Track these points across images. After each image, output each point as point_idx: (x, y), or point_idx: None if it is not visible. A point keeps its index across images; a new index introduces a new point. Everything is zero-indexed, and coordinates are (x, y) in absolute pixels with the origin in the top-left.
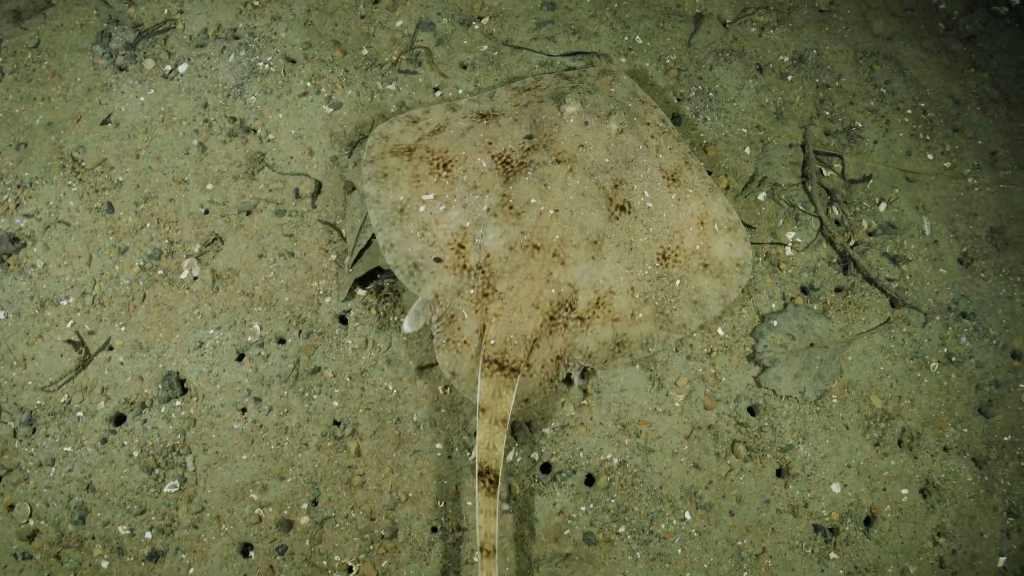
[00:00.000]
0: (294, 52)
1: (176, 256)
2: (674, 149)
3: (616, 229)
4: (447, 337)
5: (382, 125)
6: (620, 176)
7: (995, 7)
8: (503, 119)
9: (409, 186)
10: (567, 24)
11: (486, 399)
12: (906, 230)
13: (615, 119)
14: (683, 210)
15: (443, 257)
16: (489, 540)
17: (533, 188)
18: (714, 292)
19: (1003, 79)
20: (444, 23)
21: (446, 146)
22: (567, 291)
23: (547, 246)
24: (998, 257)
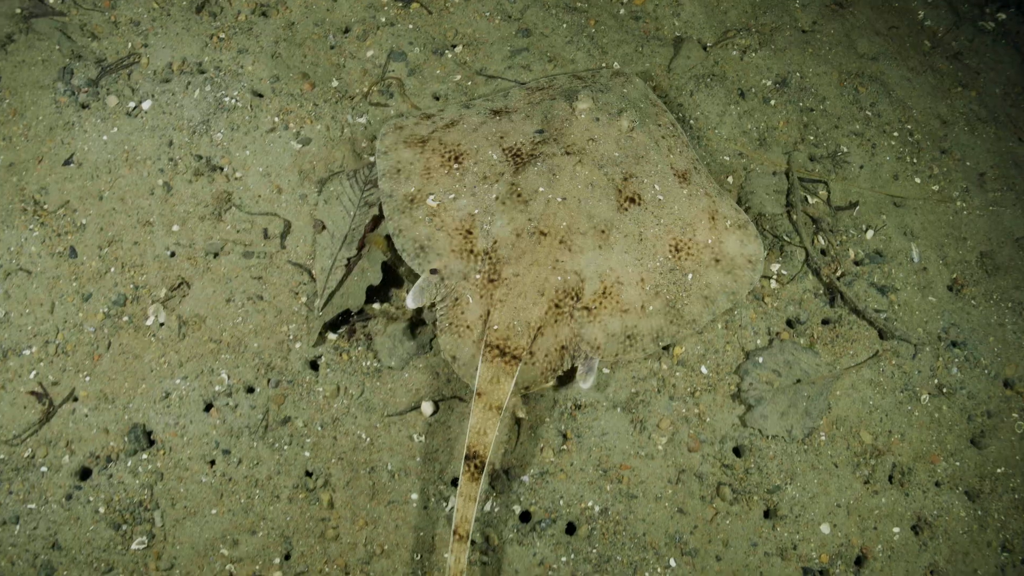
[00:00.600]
0: (261, 86)
1: (142, 302)
2: (684, 152)
3: (625, 220)
4: (450, 320)
5: (396, 118)
6: (630, 170)
7: (981, 22)
8: (515, 115)
9: (420, 179)
10: (542, 51)
11: (484, 384)
12: (894, 258)
13: (626, 116)
14: (694, 205)
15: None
16: (464, 525)
17: (541, 177)
18: (724, 288)
19: (990, 97)
20: (416, 52)
21: (458, 139)
22: (573, 279)
23: (554, 233)
24: (988, 283)
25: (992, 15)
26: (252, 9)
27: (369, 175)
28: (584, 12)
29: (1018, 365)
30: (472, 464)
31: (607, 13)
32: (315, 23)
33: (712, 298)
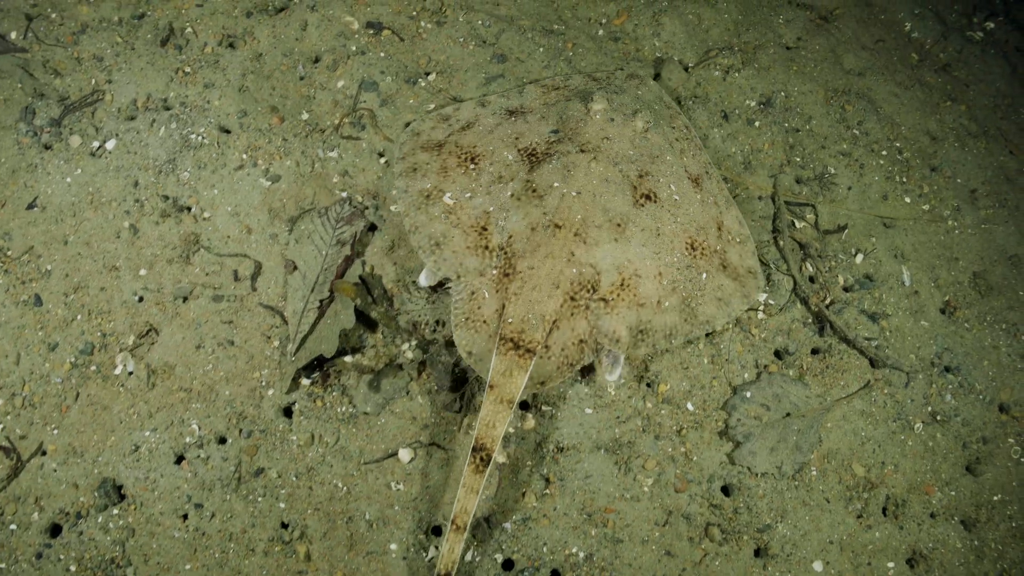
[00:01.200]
0: (229, 121)
1: (109, 350)
2: (697, 156)
3: (641, 215)
4: (466, 315)
5: (414, 122)
6: (645, 168)
7: (969, 32)
8: (531, 116)
9: (436, 176)
10: (518, 77)
11: (496, 377)
12: (884, 282)
13: (641, 117)
14: (706, 212)
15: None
16: (462, 516)
17: (556, 173)
18: (736, 292)
19: (980, 110)
20: (388, 82)
21: (474, 141)
22: (589, 272)
23: (569, 225)
24: (982, 304)
25: (980, 24)
26: (219, 40)
27: (340, 212)
28: (561, 35)
29: (1013, 389)
30: (478, 456)
31: (585, 35)
32: (284, 54)
33: (726, 300)
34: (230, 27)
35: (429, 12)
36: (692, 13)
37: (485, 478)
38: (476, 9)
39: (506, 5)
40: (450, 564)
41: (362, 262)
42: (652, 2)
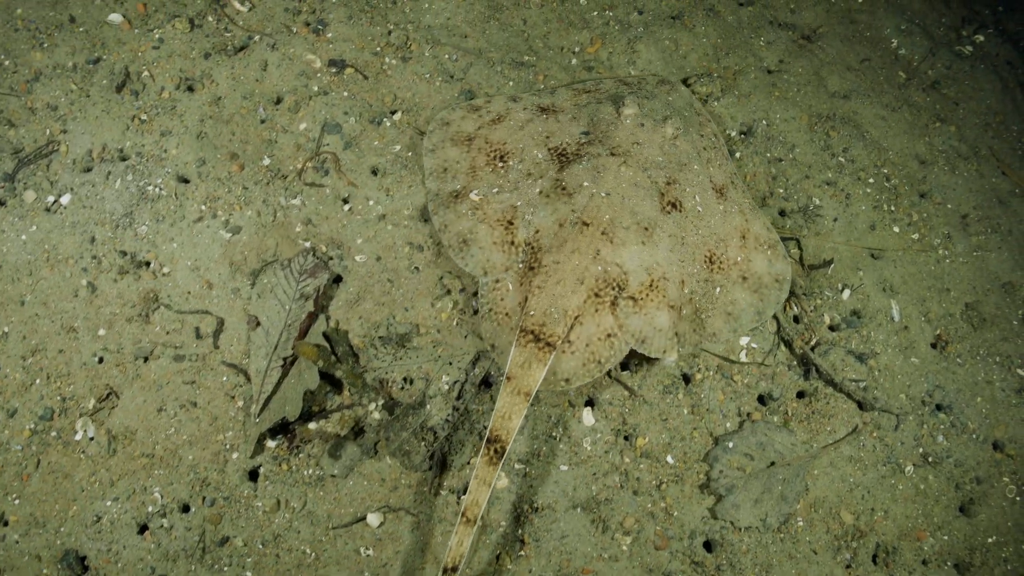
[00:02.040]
0: (187, 170)
1: (70, 415)
2: (723, 166)
3: (668, 222)
4: (490, 307)
5: (443, 112)
6: (673, 176)
7: (958, 47)
8: (562, 115)
9: (466, 177)
10: None
11: (514, 368)
12: (873, 318)
13: (671, 124)
14: (728, 222)
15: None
16: (474, 508)
17: (586, 174)
18: (749, 307)
19: (971, 129)
20: (352, 123)
21: (504, 137)
22: (615, 270)
23: (596, 224)
24: (974, 337)
25: (969, 37)
26: (176, 84)
27: (303, 264)
28: (532, 67)
29: (1008, 425)
30: (492, 448)
31: (557, 65)
32: (243, 96)
33: (736, 315)
34: (188, 70)
35: (394, 47)
36: (668, 39)
37: (498, 470)
38: (443, 43)
39: (474, 37)
40: (457, 558)
41: (326, 317)
42: (627, 28)
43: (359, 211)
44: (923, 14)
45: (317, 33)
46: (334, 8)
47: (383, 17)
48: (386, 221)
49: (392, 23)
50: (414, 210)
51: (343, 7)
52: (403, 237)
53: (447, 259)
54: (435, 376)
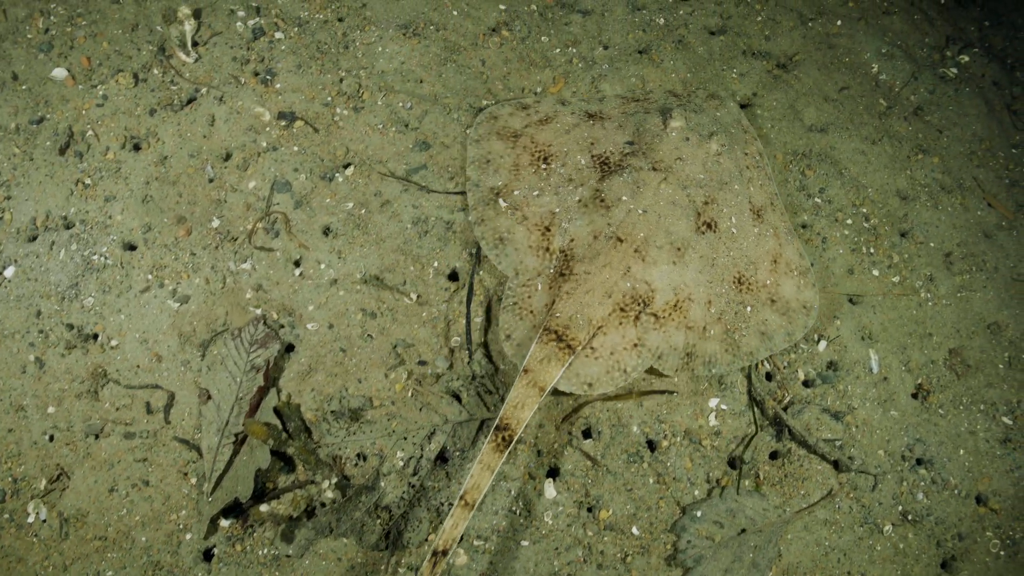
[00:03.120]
0: (133, 237)
1: (21, 496)
2: (764, 186)
3: (701, 242)
4: (515, 300)
5: (493, 106)
6: (712, 195)
7: (942, 69)
8: (608, 123)
9: (508, 173)
10: (443, 165)
11: (533, 362)
12: (850, 370)
13: (716, 140)
14: (761, 245)
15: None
16: (473, 492)
17: (626, 188)
18: (780, 328)
19: (955, 159)
20: (302, 180)
21: (550, 139)
22: (643, 288)
23: (630, 241)
24: (958, 386)
25: (954, 58)
26: (122, 144)
27: (254, 333)
28: None
29: (991, 478)
30: (500, 435)
31: None
32: (190, 154)
33: (769, 335)
34: (133, 127)
35: (345, 96)
36: (635, 75)
37: (503, 458)
38: (397, 90)
39: (430, 81)
40: (449, 541)
41: (277, 391)
42: (591, 65)
43: (310, 275)
44: (905, 35)
45: (266, 84)
46: (283, 56)
47: (334, 64)
48: (338, 286)
49: (344, 70)
50: (366, 273)
51: (292, 55)
52: (355, 303)
53: (401, 325)
54: (389, 452)
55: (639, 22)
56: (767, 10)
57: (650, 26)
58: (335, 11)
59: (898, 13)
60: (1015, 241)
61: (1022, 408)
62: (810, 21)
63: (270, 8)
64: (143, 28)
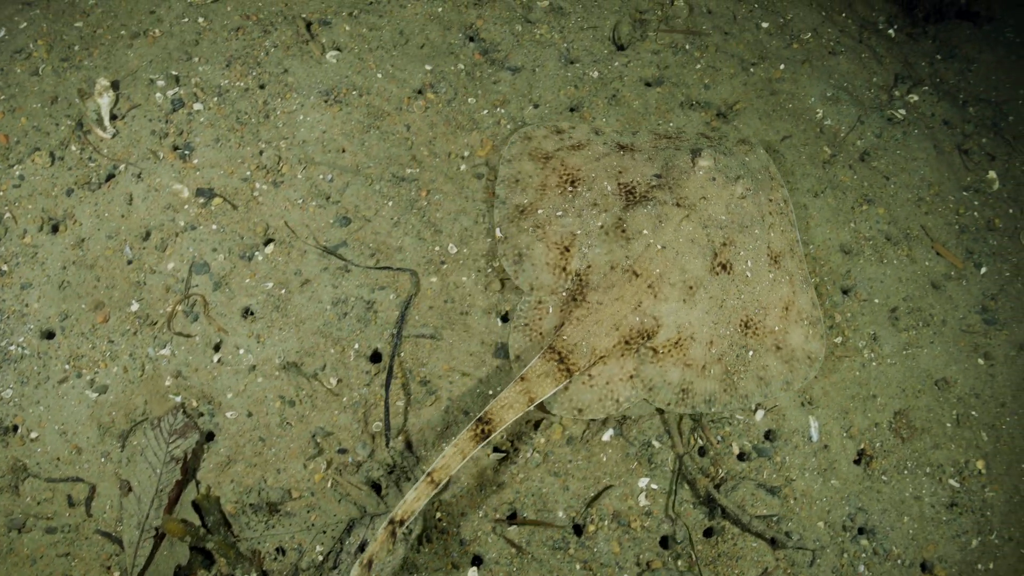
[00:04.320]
0: (50, 324)
1: None
2: (785, 233)
3: (713, 283)
4: (526, 321)
5: (528, 127)
6: (731, 237)
7: (890, 111)
8: (638, 155)
9: (535, 193)
10: (364, 241)
11: (531, 374)
12: (788, 440)
13: (742, 184)
14: (774, 292)
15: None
16: (441, 472)
17: (648, 221)
18: (779, 375)
19: (902, 207)
20: (220, 260)
21: (580, 164)
22: (650, 323)
23: (646, 276)
24: (902, 449)
25: (902, 98)
26: (39, 226)
27: (174, 423)
28: (414, 180)
29: (937, 544)
30: (480, 427)
31: (443, 175)
32: (108, 235)
33: (767, 381)
34: (51, 208)
35: (265, 170)
36: None
37: (477, 448)
38: (317, 161)
39: (352, 151)
40: (408, 513)
41: (196, 483)
42: (520, 126)
43: (229, 361)
44: (852, 75)
45: (184, 159)
46: (202, 129)
47: (254, 135)
48: (256, 372)
49: (264, 141)
50: (285, 359)
51: (211, 127)
52: (274, 390)
53: (320, 412)
54: (308, 547)
55: (571, 77)
56: (707, 57)
57: (583, 81)
58: (256, 78)
59: (845, 53)
60: (964, 291)
61: (970, 468)
62: (752, 67)
63: (190, 76)
64: (62, 101)
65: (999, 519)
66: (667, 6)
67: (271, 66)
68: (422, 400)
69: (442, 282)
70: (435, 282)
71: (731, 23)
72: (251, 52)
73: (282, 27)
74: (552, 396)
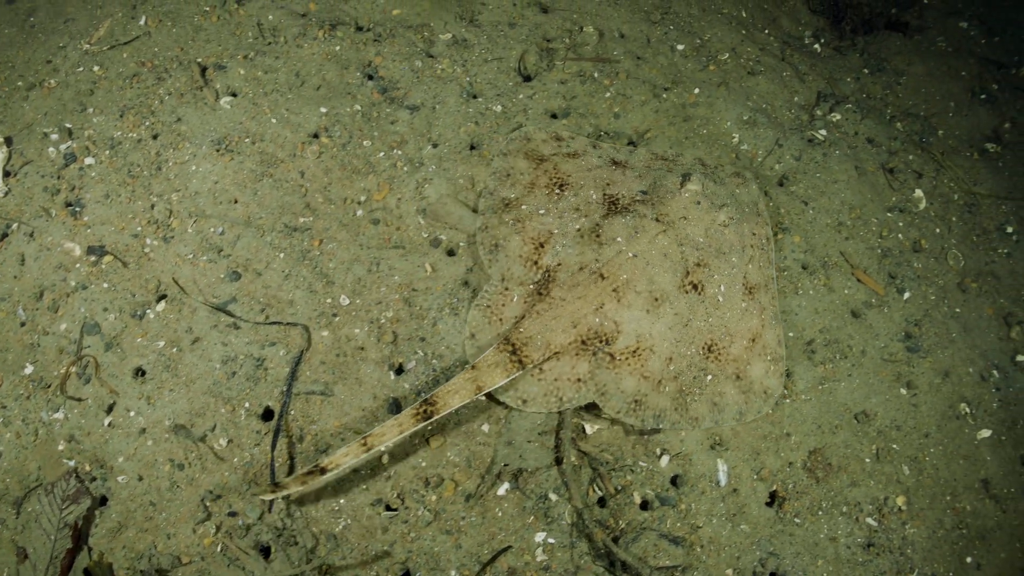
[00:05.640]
0: None
1: None
2: (763, 269)
3: (680, 301)
4: (489, 303)
5: (529, 127)
6: (706, 260)
7: (810, 132)
8: (629, 172)
9: (522, 189)
10: (254, 295)
11: (482, 364)
12: (695, 485)
13: (725, 212)
14: (744, 322)
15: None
16: (374, 439)
17: (624, 230)
18: (734, 404)
19: (820, 234)
20: (111, 320)
21: (571, 171)
22: (609, 327)
23: (611, 280)
24: (817, 489)
25: (824, 117)
26: None
27: (66, 488)
28: (307, 230)
29: None
30: (424, 408)
31: (338, 223)
32: (1, 297)
33: (720, 407)
34: None
35: (156, 225)
36: (463, 175)
37: (415, 427)
38: (208, 214)
39: (245, 201)
40: (334, 464)
41: (88, 549)
42: (417, 167)
43: (120, 424)
44: (771, 96)
45: (75, 216)
46: (93, 184)
47: (146, 188)
48: (147, 435)
49: (156, 194)
50: (174, 421)
51: (101, 182)
52: (164, 453)
53: (210, 474)
54: None
55: (473, 113)
56: (616, 85)
57: (485, 116)
58: (150, 128)
59: (764, 73)
60: (886, 318)
61: (889, 505)
62: (665, 92)
63: (83, 129)
64: None
65: (920, 556)
66: (576, 33)
67: (165, 115)
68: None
69: (334, 335)
70: (327, 336)
71: (644, 47)
72: (145, 101)
73: (177, 73)
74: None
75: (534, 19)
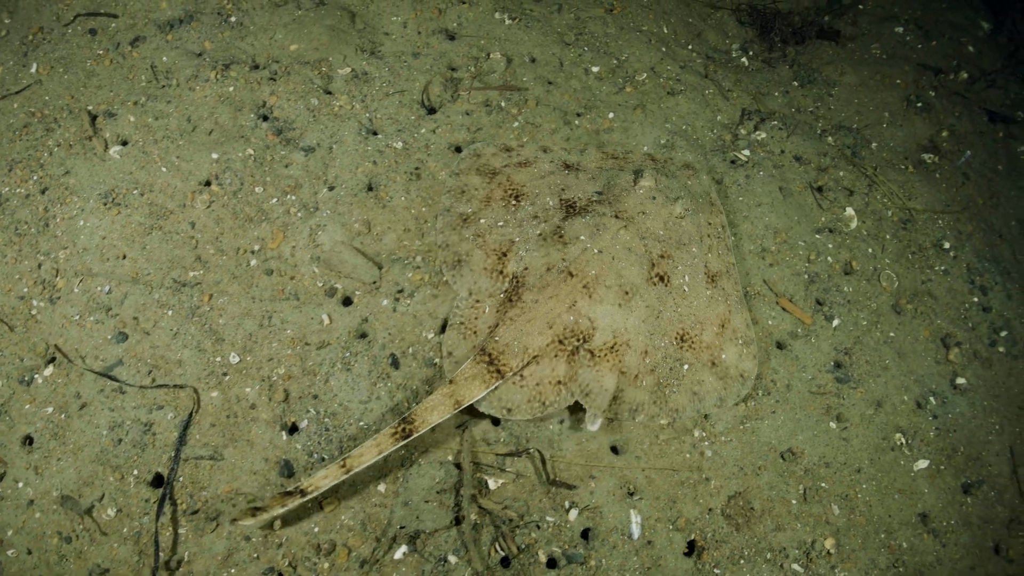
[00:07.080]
0: None
1: None
2: (723, 256)
3: (650, 293)
4: (462, 320)
5: (478, 144)
6: (668, 251)
7: (733, 152)
8: (582, 174)
9: (479, 203)
10: (142, 357)
11: (460, 377)
12: (606, 539)
13: (681, 204)
14: (711, 308)
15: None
16: (353, 461)
17: (586, 228)
18: (713, 391)
19: (742, 262)
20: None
21: (524, 180)
22: (585, 324)
23: (581, 277)
24: (738, 537)
25: (748, 136)
26: None
27: None
28: (197, 284)
29: None
30: (403, 427)
31: (230, 275)
32: None
33: (700, 396)
34: None
35: (42, 285)
36: (359, 219)
37: (395, 447)
38: (95, 272)
39: (133, 256)
40: (314, 487)
41: None
42: (311, 213)
43: (9, 495)
44: (692, 116)
45: None
46: None
47: (32, 247)
48: (35, 507)
49: (43, 253)
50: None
51: None
52: (53, 526)
53: (99, 547)
54: None
55: (371, 151)
56: (525, 113)
57: (383, 154)
58: (38, 182)
59: (685, 92)
60: (813, 348)
61: (817, 549)
62: (577, 118)
63: None
64: None
65: None
66: (482, 60)
67: (53, 167)
68: (203, 527)
69: (224, 395)
70: (216, 396)
71: (557, 71)
72: (34, 154)
73: (67, 123)
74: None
75: (439, 47)
